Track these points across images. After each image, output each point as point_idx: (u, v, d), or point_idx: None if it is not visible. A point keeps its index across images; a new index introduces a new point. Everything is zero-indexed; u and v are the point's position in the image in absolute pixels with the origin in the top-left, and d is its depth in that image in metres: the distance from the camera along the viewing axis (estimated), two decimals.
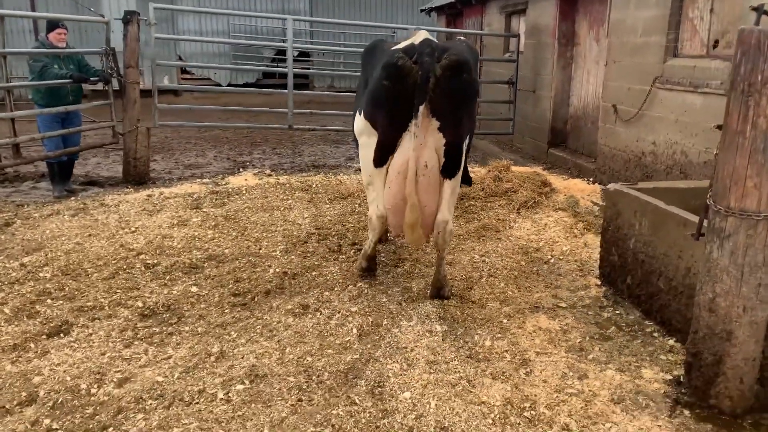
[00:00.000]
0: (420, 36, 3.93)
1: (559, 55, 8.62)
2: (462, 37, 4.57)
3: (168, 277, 4.55)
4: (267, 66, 18.98)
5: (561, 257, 5.01)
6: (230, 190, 7.10)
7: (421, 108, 3.63)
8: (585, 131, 8.34)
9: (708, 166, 5.51)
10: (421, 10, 15.78)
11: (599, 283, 4.48)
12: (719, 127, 2.88)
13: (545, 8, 8.88)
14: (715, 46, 5.56)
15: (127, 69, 7.33)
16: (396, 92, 3.69)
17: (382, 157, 3.94)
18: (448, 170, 3.87)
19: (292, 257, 4.98)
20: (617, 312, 4.05)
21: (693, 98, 5.68)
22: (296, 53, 18.17)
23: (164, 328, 3.78)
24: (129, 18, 7.18)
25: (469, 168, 8.24)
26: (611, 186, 4.37)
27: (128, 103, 7.38)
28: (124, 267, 4.71)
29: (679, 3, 5.94)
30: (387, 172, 3.94)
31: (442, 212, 3.96)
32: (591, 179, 7.51)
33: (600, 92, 7.70)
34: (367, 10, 19.36)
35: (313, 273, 4.65)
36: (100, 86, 7.26)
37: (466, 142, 4.05)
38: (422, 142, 3.73)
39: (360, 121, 4.13)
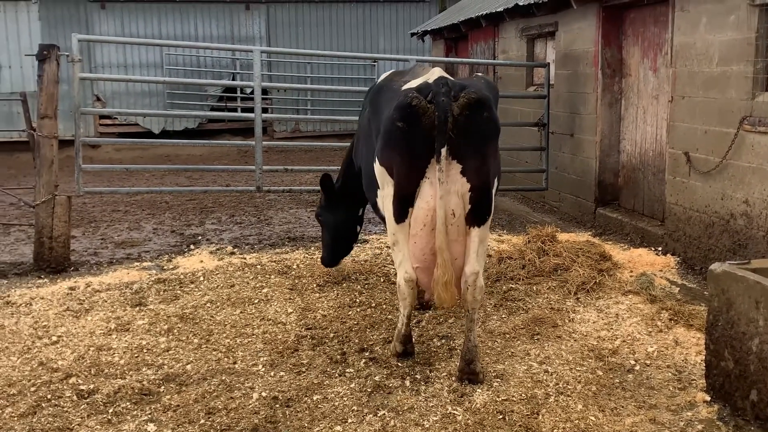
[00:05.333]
0: (434, 73, 4.51)
1: (605, 89, 8.68)
2: (480, 73, 5.11)
3: (112, 411, 4.22)
4: (227, 107, 18.99)
5: (648, 362, 4.81)
6: (182, 276, 6.83)
7: (443, 151, 4.17)
8: (645, 185, 8.31)
9: None
10: (412, 34, 16.04)
11: (708, 398, 4.26)
12: None
13: (582, 31, 9.01)
14: None
15: (41, 120, 7.12)
16: (411, 135, 4.28)
17: (402, 209, 4.45)
18: (476, 217, 4.42)
19: (281, 374, 4.71)
20: None
21: None
22: (248, 91, 18.29)
23: None
24: (46, 54, 7.02)
25: (498, 236, 8.20)
26: (717, 267, 4.21)
27: (43, 164, 7.13)
28: (48, 396, 4.37)
29: (767, 23, 6.00)
30: (409, 226, 4.45)
31: (471, 263, 4.43)
32: (660, 249, 7.41)
33: (664, 135, 7.71)
34: (338, 35, 19.59)
35: (315, 397, 4.37)
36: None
37: (496, 186, 4.64)
38: (447, 188, 4.27)
39: (377, 169, 4.69)
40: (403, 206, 4.43)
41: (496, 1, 11.73)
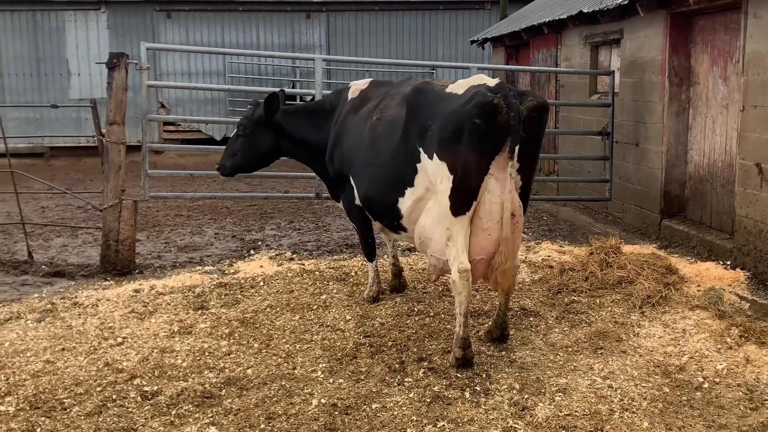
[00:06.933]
0: (482, 78, 4.88)
1: (672, 98, 8.49)
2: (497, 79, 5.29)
3: (174, 413, 4.28)
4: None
5: (717, 380, 4.65)
6: (242, 281, 6.92)
7: (516, 149, 4.50)
8: (713, 197, 8.08)
9: None
10: (472, 42, 15.98)
11: None
12: None
13: (648, 38, 8.83)
14: None
15: (110, 126, 7.33)
16: (487, 132, 4.54)
17: (464, 203, 4.68)
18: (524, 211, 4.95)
19: (340, 380, 4.71)
20: None
21: None
22: (308, 98, 18.45)
23: None
24: (116, 62, 7.22)
25: (560, 246, 8.07)
26: None
27: (111, 169, 7.33)
28: (113, 397, 4.48)
29: None
30: (471, 219, 4.72)
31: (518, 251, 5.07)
32: (729, 263, 7.18)
33: (734, 146, 7.48)
34: (397, 42, 19.63)
35: (374, 405, 4.36)
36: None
37: None
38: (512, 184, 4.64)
39: (433, 165, 4.83)
40: (466, 200, 4.67)
41: (558, 8, 11.61)
